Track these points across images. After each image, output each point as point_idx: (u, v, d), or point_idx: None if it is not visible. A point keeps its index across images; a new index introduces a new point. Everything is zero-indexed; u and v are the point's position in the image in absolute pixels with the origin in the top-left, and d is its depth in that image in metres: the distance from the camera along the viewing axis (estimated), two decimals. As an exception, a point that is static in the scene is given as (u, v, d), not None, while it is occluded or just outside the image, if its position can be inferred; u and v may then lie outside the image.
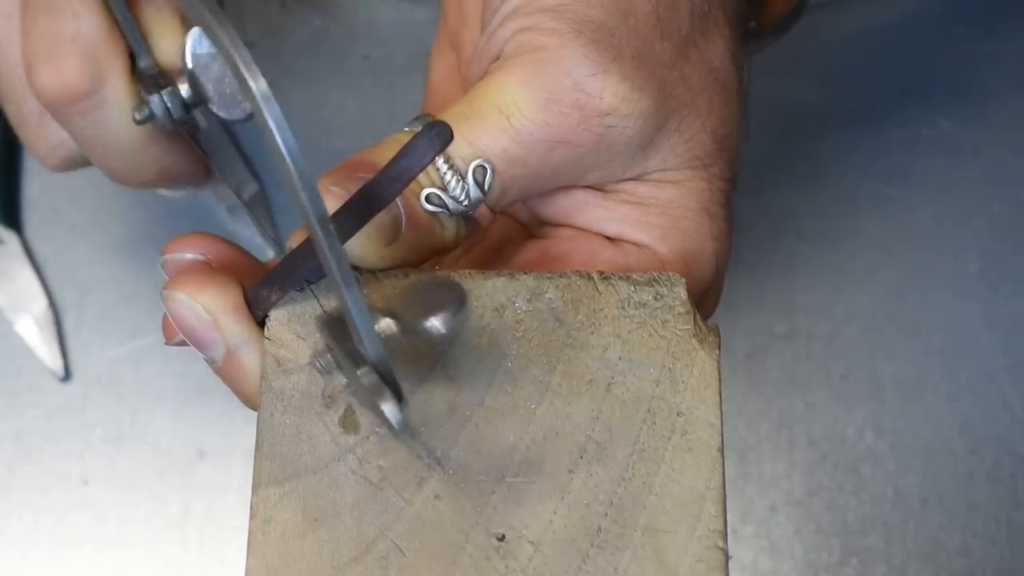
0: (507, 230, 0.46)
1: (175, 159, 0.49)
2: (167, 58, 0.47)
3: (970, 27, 0.71)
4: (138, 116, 0.47)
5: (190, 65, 0.47)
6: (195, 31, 0.47)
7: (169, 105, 0.47)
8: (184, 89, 0.47)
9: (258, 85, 0.32)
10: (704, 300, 0.44)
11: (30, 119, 0.49)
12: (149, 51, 0.47)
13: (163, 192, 0.61)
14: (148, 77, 0.47)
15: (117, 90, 0.46)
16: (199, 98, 0.47)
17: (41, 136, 0.49)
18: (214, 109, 0.47)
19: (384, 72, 0.69)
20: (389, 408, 0.36)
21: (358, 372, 0.36)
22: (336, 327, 0.37)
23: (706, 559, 0.37)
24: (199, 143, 0.50)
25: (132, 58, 0.47)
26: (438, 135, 0.36)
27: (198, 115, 0.48)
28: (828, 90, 0.69)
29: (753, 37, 0.50)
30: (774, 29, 0.51)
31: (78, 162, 0.50)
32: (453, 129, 0.40)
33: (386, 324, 0.39)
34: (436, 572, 0.37)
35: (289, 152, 0.32)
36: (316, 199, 0.33)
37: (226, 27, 0.33)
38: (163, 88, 0.47)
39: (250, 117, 0.47)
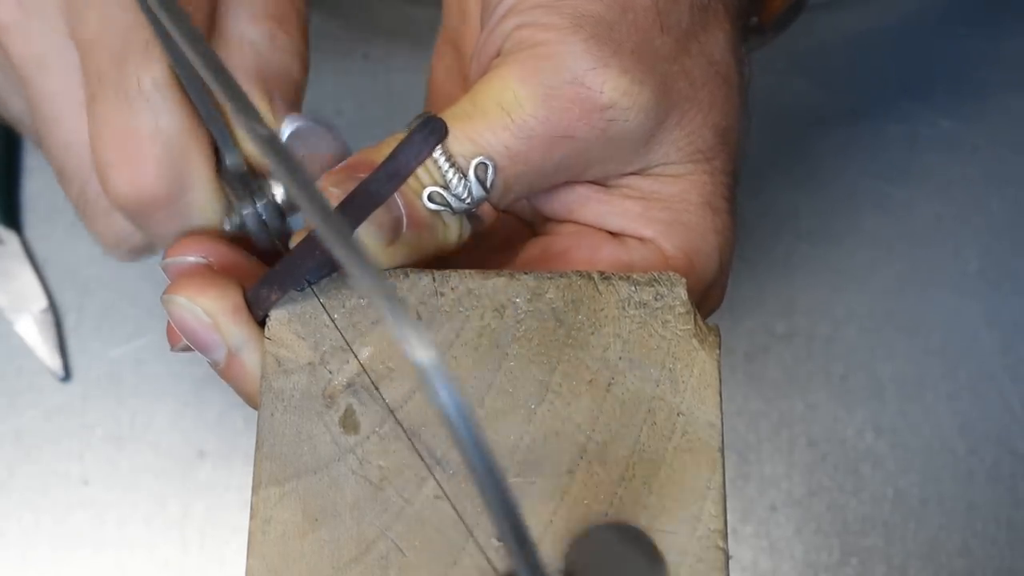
0: (510, 227, 0.46)
1: (257, 262, 0.43)
2: (257, 153, 0.42)
3: (970, 26, 0.71)
4: (227, 227, 0.42)
5: None
6: (290, 121, 0.42)
7: (265, 216, 0.42)
8: (279, 192, 0.42)
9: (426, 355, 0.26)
10: (708, 294, 0.44)
11: (96, 207, 0.43)
12: (236, 145, 0.41)
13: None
14: (236, 177, 0.41)
15: (201, 195, 0.41)
16: (294, 203, 0.41)
17: (109, 226, 0.44)
18: None
19: (384, 72, 0.69)
20: None
21: None
22: None
23: (706, 559, 0.37)
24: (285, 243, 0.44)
25: (217, 153, 0.42)
26: (432, 131, 0.36)
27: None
28: (828, 89, 0.69)
29: (754, 33, 0.50)
30: (774, 25, 0.51)
31: (148, 252, 0.45)
32: (455, 127, 0.40)
33: None
34: (436, 572, 0.37)
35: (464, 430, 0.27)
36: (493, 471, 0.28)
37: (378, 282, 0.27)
38: (252, 187, 0.41)
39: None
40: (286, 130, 0.42)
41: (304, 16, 0.46)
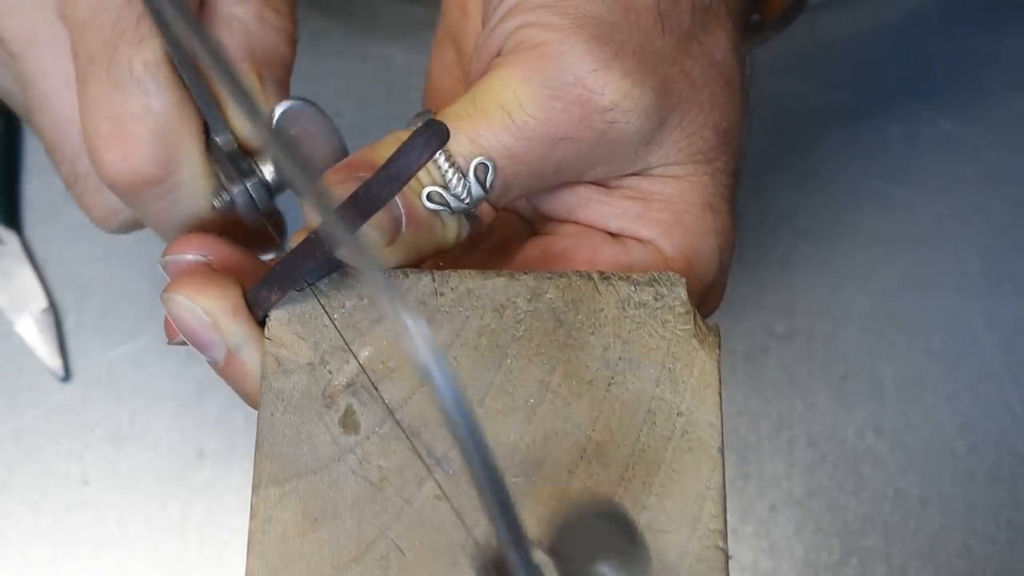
0: (510, 226, 0.46)
1: (246, 237, 0.44)
2: (247, 131, 0.42)
3: (970, 26, 0.71)
4: (216, 204, 0.42)
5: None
6: (280, 103, 0.42)
7: (254, 195, 0.42)
8: (268, 171, 0.42)
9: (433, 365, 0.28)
10: (708, 296, 0.44)
11: (86, 182, 0.44)
12: (226, 125, 0.42)
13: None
14: (226, 155, 0.42)
15: (192, 174, 0.42)
16: (284, 181, 0.42)
17: (99, 202, 0.44)
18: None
19: (384, 72, 0.69)
20: None
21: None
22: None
23: (706, 559, 0.37)
24: (274, 221, 0.45)
25: (206, 131, 0.42)
26: (434, 134, 0.36)
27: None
28: (828, 89, 0.69)
29: (755, 31, 0.50)
30: (776, 22, 0.51)
31: (138, 226, 0.46)
32: (455, 126, 0.40)
33: (541, 558, 0.36)
34: (436, 572, 0.37)
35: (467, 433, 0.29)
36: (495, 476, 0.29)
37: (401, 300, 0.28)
38: (242, 166, 0.42)
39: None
40: (277, 110, 0.43)
41: None
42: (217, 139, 0.42)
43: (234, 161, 0.42)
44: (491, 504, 0.29)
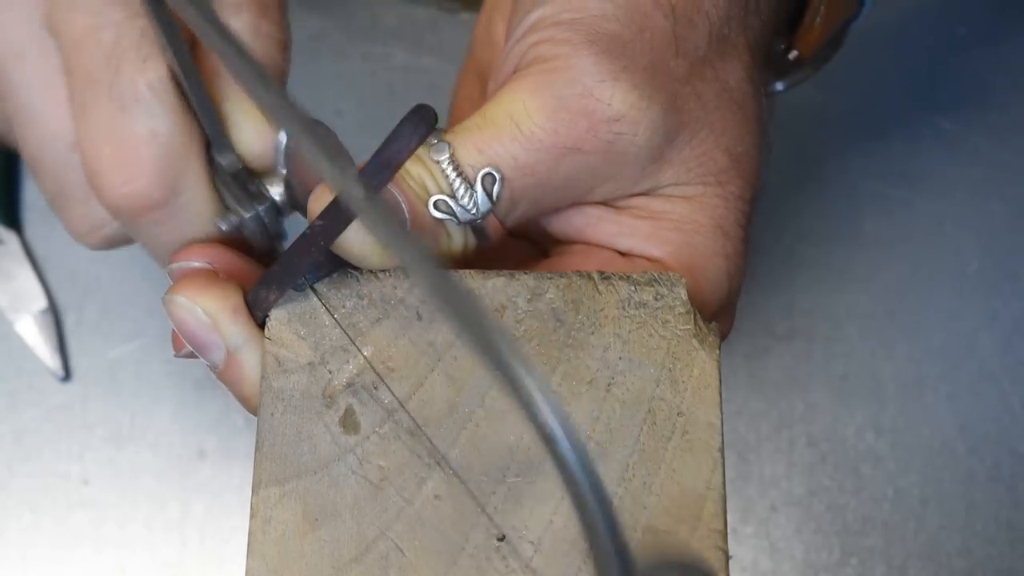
0: (521, 251, 0.46)
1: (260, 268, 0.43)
2: (253, 152, 0.41)
3: (970, 27, 0.71)
4: (224, 227, 0.41)
5: (283, 167, 0.41)
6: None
7: (266, 219, 0.41)
8: (277, 192, 0.41)
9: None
10: (716, 320, 0.44)
11: (73, 196, 0.42)
12: (231, 145, 0.41)
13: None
14: (231, 176, 0.41)
15: (196, 198, 0.40)
16: (294, 202, 0.41)
17: (84, 215, 0.43)
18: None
19: (384, 72, 0.69)
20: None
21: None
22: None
23: (706, 559, 0.37)
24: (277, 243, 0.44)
25: (210, 153, 0.41)
26: (421, 118, 0.37)
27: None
28: (828, 90, 0.69)
29: (794, 67, 0.50)
30: (814, 60, 0.50)
31: (124, 242, 0.44)
32: (464, 139, 0.40)
33: None
34: (436, 572, 0.37)
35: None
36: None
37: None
38: (249, 188, 0.41)
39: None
40: (283, 136, 0.42)
41: (283, 3, 0.44)
42: (221, 161, 0.41)
43: (241, 183, 0.41)
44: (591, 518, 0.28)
